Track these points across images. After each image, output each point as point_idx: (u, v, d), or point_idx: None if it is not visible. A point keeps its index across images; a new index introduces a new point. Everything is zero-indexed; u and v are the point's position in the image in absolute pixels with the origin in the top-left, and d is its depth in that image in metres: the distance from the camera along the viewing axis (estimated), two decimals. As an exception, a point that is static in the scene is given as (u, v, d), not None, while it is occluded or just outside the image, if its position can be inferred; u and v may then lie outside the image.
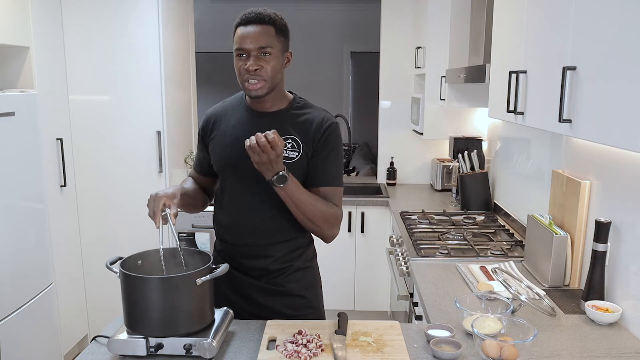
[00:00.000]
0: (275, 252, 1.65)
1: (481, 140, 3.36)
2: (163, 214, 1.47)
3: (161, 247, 1.48)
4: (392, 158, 3.98)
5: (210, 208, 1.81)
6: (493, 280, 1.93)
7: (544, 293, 1.78)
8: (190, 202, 1.68)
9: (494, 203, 3.08)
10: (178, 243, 1.50)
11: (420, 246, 2.39)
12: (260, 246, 1.65)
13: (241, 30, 1.55)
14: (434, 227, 2.76)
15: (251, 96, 1.59)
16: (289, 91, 1.69)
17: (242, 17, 1.56)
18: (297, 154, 1.59)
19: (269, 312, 1.66)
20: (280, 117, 1.62)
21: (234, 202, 1.66)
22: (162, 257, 1.48)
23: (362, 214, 3.51)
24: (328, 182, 1.61)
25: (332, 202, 1.62)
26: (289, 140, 1.60)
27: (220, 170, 1.69)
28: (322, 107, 1.69)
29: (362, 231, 3.53)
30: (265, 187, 1.54)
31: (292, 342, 1.42)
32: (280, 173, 1.47)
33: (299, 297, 1.69)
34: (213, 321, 1.46)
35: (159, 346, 1.37)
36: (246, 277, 1.68)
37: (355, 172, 4.93)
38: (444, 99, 3.20)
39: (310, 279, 1.74)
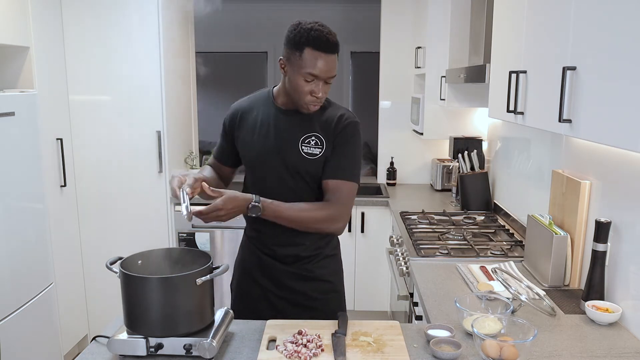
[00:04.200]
0: (304, 240, 1.73)
1: (481, 140, 3.36)
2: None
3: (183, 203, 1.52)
4: (392, 158, 3.98)
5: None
6: (493, 280, 1.93)
7: (544, 293, 1.78)
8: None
9: (494, 203, 3.07)
10: (188, 210, 1.50)
11: (420, 246, 2.39)
12: (290, 235, 1.71)
13: (318, 55, 1.56)
14: (434, 227, 2.76)
15: (305, 112, 1.67)
16: None
17: (318, 40, 1.55)
18: (320, 150, 1.67)
19: (298, 295, 1.76)
20: (305, 115, 1.69)
21: (263, 194, 1.71)
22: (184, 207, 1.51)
23: (362, 214, 3.51)
24: (336, 175, 1.66)
25: (337, 196, 1.65)
26: (313, 138, 1.67)
27: (248, 164, 1.77)
28: (345, 107, 1.76)
29: (362, 231, 3.53)
30: (292, 179, 1.67)
31: (292, 342, 1.42)
32: (251, 205, 1.56)
33: (326, 282, 1.79)
34: (213, 321, 1.47)
35: (159, 346, 1.37)
36: (277, 262, 1.76)
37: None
38: (444, 99, 3.20)
39: (336, 265, 1.84)
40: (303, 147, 1.66)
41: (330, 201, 1.66)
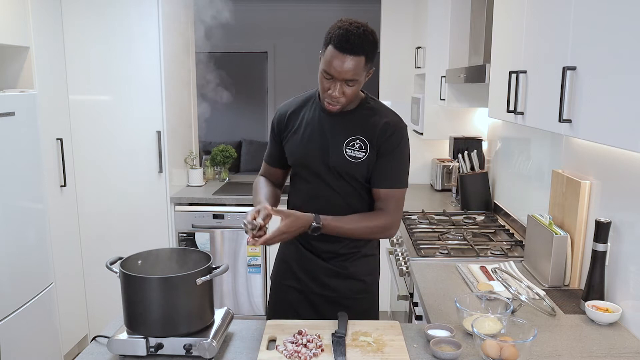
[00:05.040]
0: (344, 239, 1.74)
1: (481, 140, 3.36)
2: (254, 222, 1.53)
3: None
4: (392, 158, 3.96)
5: (211, 208, 1.83)
6: (493, 280, 1.93)
7: (544, 293, 1.78)
8: (273, 202, 1.78)
9: (494, 203, 3.07)
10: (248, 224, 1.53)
11: (420, 246, 2.39)
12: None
13: (334, 54, 1.53)
14: (434, 227, 2.75)
15: (326, 111, 1.69)
16: (361, 90, 1.74)
17: (338, 39, 1.52)
18: (364, 154, 1.67)
19: (331, 291, 1.77)
20: (349, 118, 1.70)
21: (308, 192, 1.75)
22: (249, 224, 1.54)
23: (362, 214, 3.50)
24: (385, 184, 1.70)
25: (388, 204, 1.69)
26: (357, 141, 1.68)
27: (293, 165, 1.79)
28: (391, 109, 1.76)
29: (362, 231, 3.52)
30: (334, 181, 1.70)
31: (292, 342, 1.42)
32: (313, 226, 1.61)
33: (359, 281, 1.79)
34: (213, 321, 1.47)
35: (159, 346, 1.37)
36: (316, 258, 1.78)
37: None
38: (444, 99, 3.20)
39: (373, 265, 1.85)
40: (347, 150, 1.67)
41: (382, 210, 1.70)
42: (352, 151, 1.67)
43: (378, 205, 1.71)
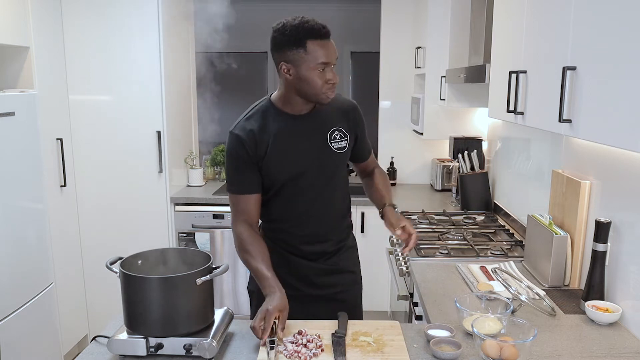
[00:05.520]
0: (332, 236, 1.80)
1: (481, 140, 3.36)
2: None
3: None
4: (392, 158, 3.97)
5: (211, 208, 1.81)
6: (493, 280, 1.93)
7: (544, 293, 1.78)
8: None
9: (494, 203, 3.07)
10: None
11: (420, 246, 2.39)
12: (322, 233, 1.78)
13: (321, 44, 1.56)
14: (434, 227, 2.75)
15: (323, 103, 1.65)
16: None
17: (314, 30, 1.56)
18: (346, 142, 1.75)
19: (325, 289, 1.80)
20: (318, 115, 1.72)
21: (299, 201, 1.74)
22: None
23: (362, 214, 3.51)
24: (368, 154, 1.92)
25: (374, 162, 1.97)
26: (336, 131, 1.73)
27: (285, 180, 1.69)
28: (338, 92, 1.78)
29: (362, 231, 3.53)
30: (325, 179, 1.72)
31: (292, 342, 1.42)
32: (396, 211, 1.82)
33: (349, 273, 1.86)
34: (213, 321, 1.47)
35: (159, 346, 1.37)
36: (303, 260, 1.79)
37: (355, 172, 4.92)
38: (444, 99, 3.20)
39: (356, 257, 1.93)
40: (333, 145, 1.71)
41: (376, 167, 1.97)
42: (337, 143, 1.72)
43: (369, 167, 1.95)
